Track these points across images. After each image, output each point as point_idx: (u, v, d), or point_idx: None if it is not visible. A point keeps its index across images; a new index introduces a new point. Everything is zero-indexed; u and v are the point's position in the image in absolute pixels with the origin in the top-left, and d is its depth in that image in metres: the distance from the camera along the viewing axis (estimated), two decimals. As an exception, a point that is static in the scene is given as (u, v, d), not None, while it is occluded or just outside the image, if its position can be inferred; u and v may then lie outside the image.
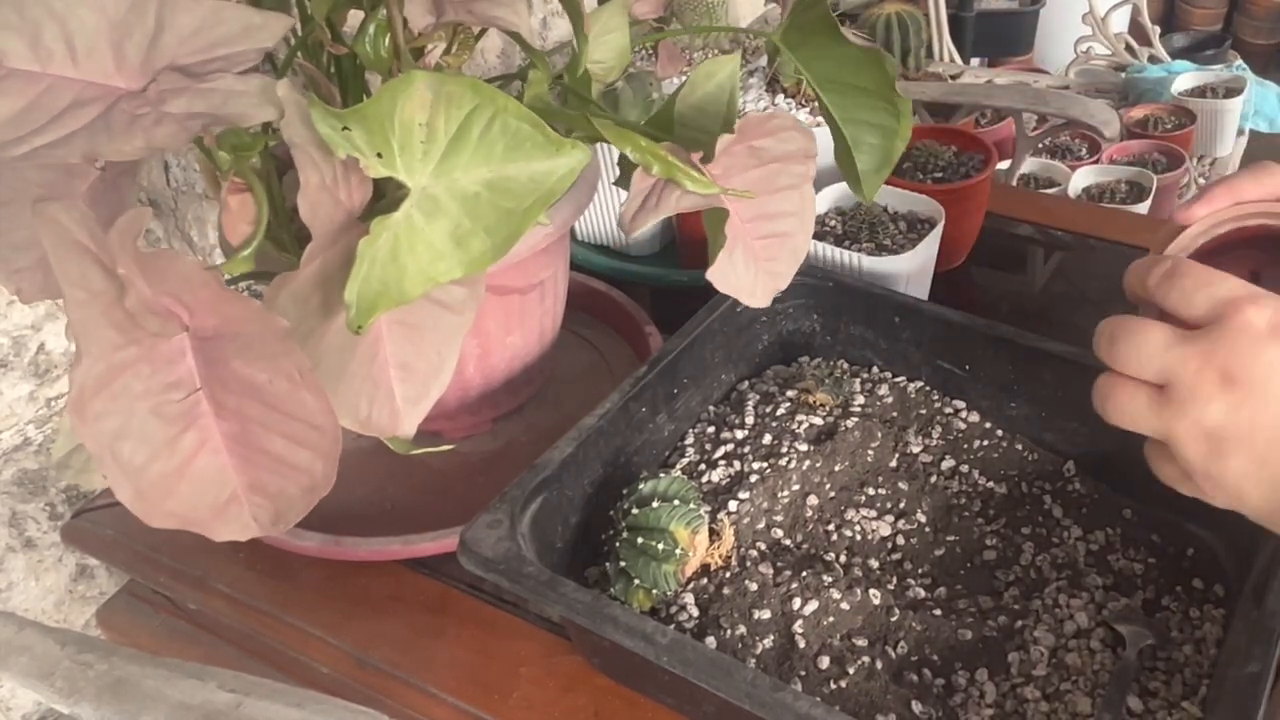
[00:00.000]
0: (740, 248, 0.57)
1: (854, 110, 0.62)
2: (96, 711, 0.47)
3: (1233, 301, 0.46)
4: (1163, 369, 0.48)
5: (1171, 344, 0.47)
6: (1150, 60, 2.23)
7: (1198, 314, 0.47)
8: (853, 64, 0.60)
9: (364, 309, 0.48)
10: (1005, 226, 1.03)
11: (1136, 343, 0.48)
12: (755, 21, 1.66)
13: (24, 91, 0.44)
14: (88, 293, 0.43)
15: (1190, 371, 0.47)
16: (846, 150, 0.62)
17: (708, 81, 0.61)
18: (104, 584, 0.90)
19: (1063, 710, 0.56)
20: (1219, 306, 0.47)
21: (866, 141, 0.62)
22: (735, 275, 0.58)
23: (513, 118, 0.49)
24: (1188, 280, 0.48)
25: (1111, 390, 0.50)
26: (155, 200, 0.88)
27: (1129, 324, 0.49)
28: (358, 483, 0.75)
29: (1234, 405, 0.46)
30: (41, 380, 0.81)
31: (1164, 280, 0.49)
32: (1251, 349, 0.46)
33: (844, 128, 0.62)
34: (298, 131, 0.47)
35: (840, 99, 0.62)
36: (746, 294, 0.59)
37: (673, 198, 0.54)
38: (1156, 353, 0.48)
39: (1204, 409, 0.46)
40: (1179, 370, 0.47)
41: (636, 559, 0.60)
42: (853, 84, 0.61)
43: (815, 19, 0.60)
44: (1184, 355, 0.47)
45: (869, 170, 0.62)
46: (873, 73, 0.60)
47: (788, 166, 0.58)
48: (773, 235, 0.59)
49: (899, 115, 0.61)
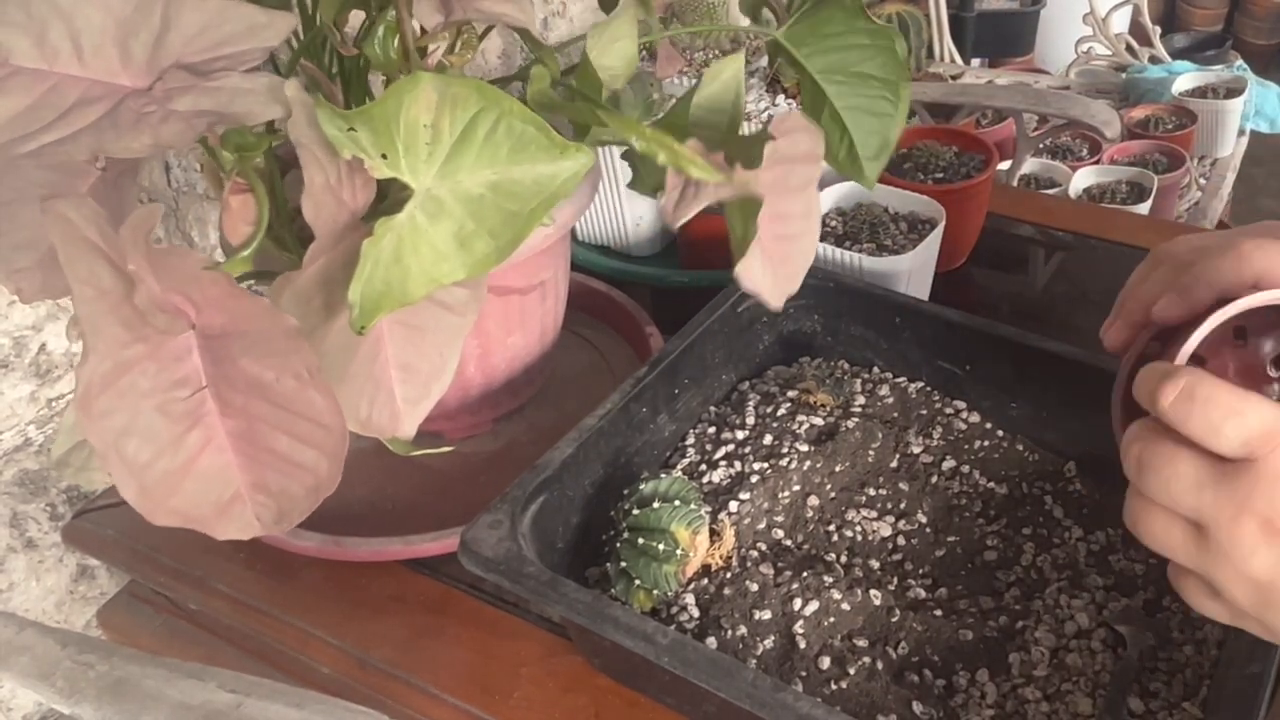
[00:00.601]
0: (759, 248, 0.57)
1: (853, 99, 0.62)
2: (97, 712, 0.47)
3: (1266, 437, 0.43)
4: (1197, 510, 0.44)
5: (1204, 484, 0.44)
6: (1151, 60, 2.23)
7: (1227, 449, 0.43)
8: (864, 46, 0.61)
9: (367, 310, 0.48)
10: (1006, 227, 1.03)
11: (1166, 476, 0.45)
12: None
13: (30, 89, 0.44)
14: (96, 290, 0.43)
15: (1227, 518, 0.43)
16: (840, 140, 0.63)
17: (713, 81, 0.61)
18: (104, 584, 0.90)
19: (1064, 711, 0.56)
20: (1251, 444, 0.43)
21: (865, 128, 0.62)
22: (760, 274, 0.57)
23: (518, 120, 0.49)
24: (1213, 410, 0.43)
25: (1144, 517, 0.46)
26: (156, 200, 0.88)
27: (1158, 452, 0.45)
28: (358, 483, 0.75)
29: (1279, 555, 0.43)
30: (42, 381, 0.81)
31: (1183, 403, 0.44)
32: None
33: (844, 115, 0.62)
34: (303, 131, 0.47)
35: (842, 89, 0.62)
36: (768, 293, 0.59)
37: (710, 188, 0.53)
38: (1189, 491, 0.44)
39: (1248, 560, 0.43)
40: (1215, 516, 0.44)
41: (637, 559, 0.60)
42: (858, 72, 0.61)
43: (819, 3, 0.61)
44: (1218, 500, 0.43)
45: (868, 157, 0.63)
46: (883, 57, 0.60)
47: (797, 168, 0.58)
48: (785, 236, 0.59)
49: (898, 102, 0.62)
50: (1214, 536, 0.44)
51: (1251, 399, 0.43)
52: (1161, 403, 0.44)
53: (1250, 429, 0.43)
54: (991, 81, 1.99)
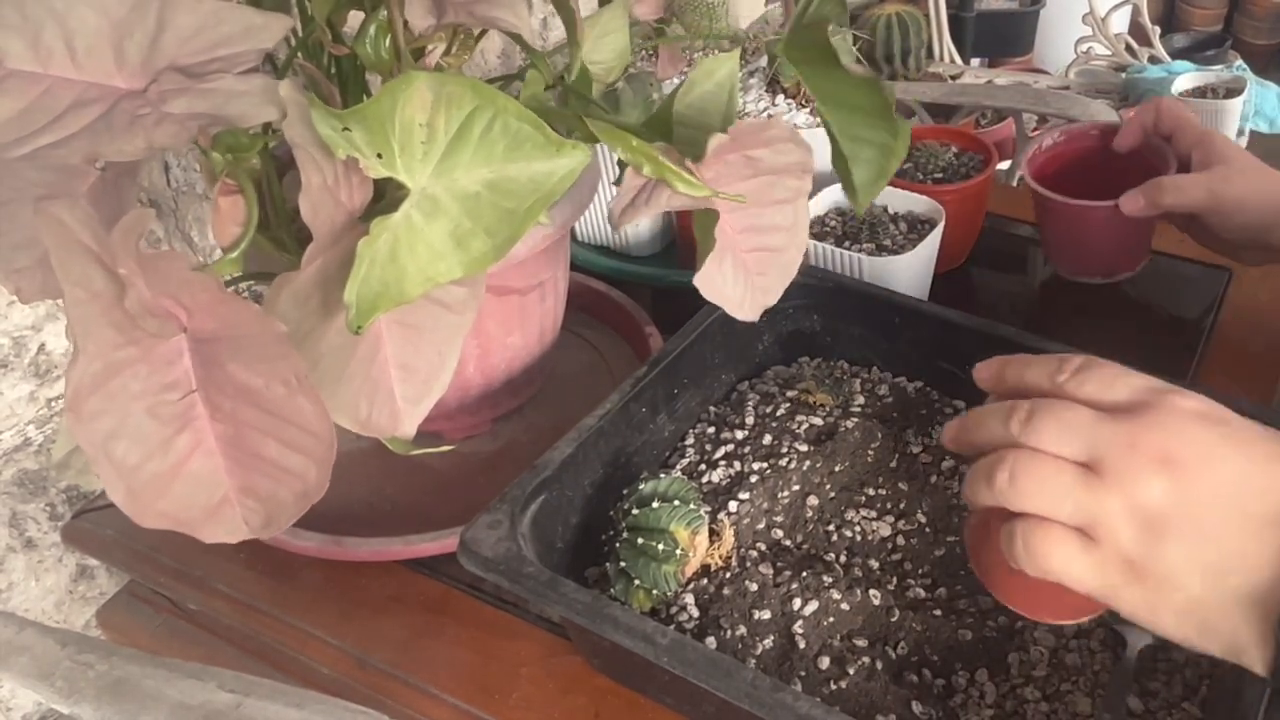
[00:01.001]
0: (730, 258, 0.57)
1: (852, 127, 0.62)
2: (96, 712, 0.47)
3: (1158, 389, 0.45)
4: (1091, 444, 0.44)
5: (1101, 420, 0.45)
6: (1150, 60, 2.23)
7: (1119, 398, 0.45)
8: (850, 87, 0.60)
9: (364, 309, 0.48)
10: (1005, 226, 1.03)
11: (1062, 418, 0.45)
12: (756, 22, 1.66)
13: (25, 92, 0.44)
14: (88, 292, 0.43)
15: (1124, 445, 0.44)
16: (843, 161, 0.62)
17: (707, 80, 0.61)
18: (104, 584, 0.90)
19: (1063, 710, 0.56)
20: (1143, 393, 0.45)
21: (864, 156, 0.62)
22: (724, 285, 0.57)
23: (513, 118, 0.49)
24: (1106, 370, 0.46)
25: (1031, 464, 0.45)
26: (156, 201, 0.89)
27: (1052, 404, 0.46)
28: (358, 483, 0.75)
29: (1174, 485, 0.43)
30: (42, 380, 0.81)
31: (1079, 372, 0.47)
32: (1187, 429, 0.44)
33: (841, 142, 0.62)
34: (299, 132, 0.47)
35: (839, 115, 0.62)
36: (734, 305, 0.59)
37: (663, 196, 0.54)
38: (1084, 426, 0.45)
39: (1143, 488, 0.43)
40: (1110, 445, 0.44)
41: (637, 559, 0.60)
42: (852, 103, 0.61)
43: (813, 39, 0.60)
44: (1114, 432, 0.44)
45: (865, 183, 0.62)
46: (871, 98, 0.60)
47: (783, 180, 0.58)
48: (763, 249, 0.59)
49: (896, 134, 0.61)
50: (1107, 467, 0.44)
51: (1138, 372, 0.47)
52: (1059, 378, 0.47)
53: (1138, 384, 0.46)
54: (991, 81, 1.99)
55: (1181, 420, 0.44)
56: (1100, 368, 0.47)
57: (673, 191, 0.54)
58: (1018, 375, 0.50)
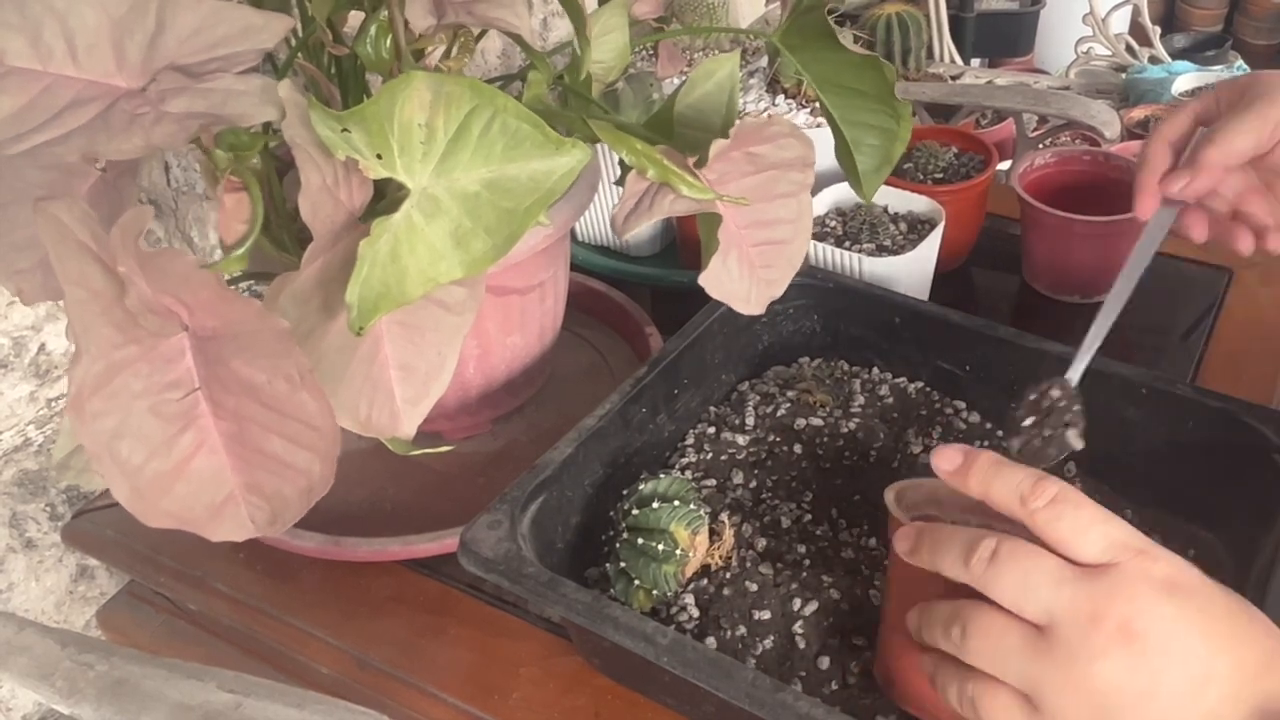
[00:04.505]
0: (735, 254, 0.57)
1: (854, 112, 0.62)
2: (97, 712, 0.47)
3: (1130, 547, 0.43)
4: (1051, 608, 0.42)
5: (1064, 580, 0.42)
6: (1151, 61, 2.23)
7: (1090, 553, 0.43)
8: (852, 69, 0.60)
9: (365, 310, 0.48)
10: (1005, 226, 1.03)
11: (1026, 569, 0.43)
12: (756, 22, 1.66)
13: (24, 89, 0.44)
14: (88, 291, 0.43)
15: (1085, 616, 0.41)
16: (847, 150, 0.62)
17: (707, 80, 0.61)
18: (104, 584, 0.90)
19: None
20: (1116, 550, 0.42)
21: (867, 143, 0.62)
22: (730, 281, 0.57)
23: (512, 117, 0.49)
24: (1082, 513, 0.43)
25: (984, 622, 0.43)
26: (156, 200, 0.88)
27: (1017, 547, 0.43)
28: (358, 483, 0.75)
29: (1130, 665, 0.41)
30: (42, 381, 0.81)
31: (1053, 505, 0.43)
32: (1153, 604, 0.41)
33: (844, 129, 0.62)
34: (299, 132, 0.47)
35: (840, 100, 0.62)
36: (740, 301, 0.59)
37: (666, 201, 0.54)
38: (1046, 588, 0.42)
39: (1097, 668, 0.41)
40: (1072, 612, 0.42)
41: (637, 559, 0.60)
42: (853, 87, 0.61)
43: (813, 24, 0.60)
44: (1076, 597, 0.42)
45: (869, 170, 0.62)
46: (872, 78, 0.60)
47: (785, 174, 0.58)
48: (769, 243, 0.59)
49: (899, 118, 0.61)
50: (1063, 636, 0.42)
51: (1115, 516, 0.43)
52: (1031, 504, 0.44)
53: (1115, 538, 0.43)
54: (991, 82, 1.99)
55: (1149, 591, 0.42)
56: (1076, 507, 0.43)
57: (676, 196, 0.53)
58: (983, 484, 0.46)
